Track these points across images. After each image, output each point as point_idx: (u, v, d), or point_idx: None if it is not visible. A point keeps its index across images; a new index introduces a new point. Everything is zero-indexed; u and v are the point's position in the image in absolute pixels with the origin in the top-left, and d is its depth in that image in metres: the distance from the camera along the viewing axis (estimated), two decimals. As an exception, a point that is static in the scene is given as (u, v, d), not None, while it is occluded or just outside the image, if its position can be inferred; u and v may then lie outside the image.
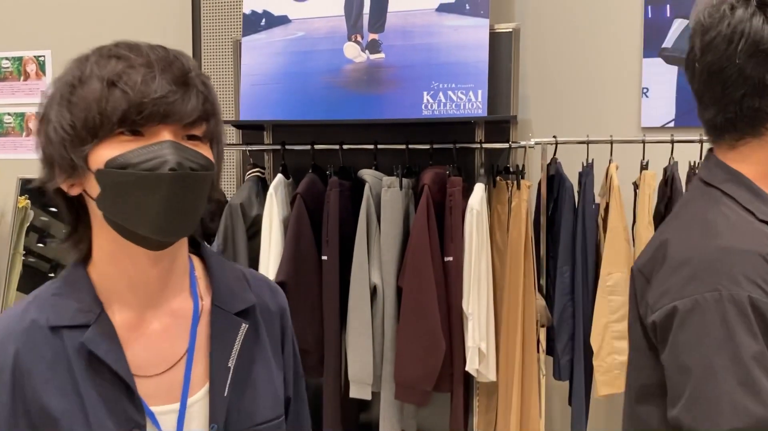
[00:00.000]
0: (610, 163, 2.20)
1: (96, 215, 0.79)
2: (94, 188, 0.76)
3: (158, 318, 0.83)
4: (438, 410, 2.42)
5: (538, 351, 2.24)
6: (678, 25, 2.41)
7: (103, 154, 0.74)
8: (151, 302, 0.82)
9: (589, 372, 2.16)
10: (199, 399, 0.82)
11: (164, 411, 0.80)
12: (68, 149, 0.75)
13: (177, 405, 0.81)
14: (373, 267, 2.19)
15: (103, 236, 0.79)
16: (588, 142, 2.24)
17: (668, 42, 2.41)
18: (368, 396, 2.21)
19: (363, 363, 2.16)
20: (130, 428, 0.77)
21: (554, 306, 2.17)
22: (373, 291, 2.20)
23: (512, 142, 2.27)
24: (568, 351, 2.14)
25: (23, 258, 3.12)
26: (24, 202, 3.16)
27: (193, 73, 0.78)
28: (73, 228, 0.83)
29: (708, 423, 0.78)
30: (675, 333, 0.82)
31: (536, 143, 2.22)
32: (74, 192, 0.79)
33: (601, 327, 2.09)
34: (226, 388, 0.82)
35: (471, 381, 2.29)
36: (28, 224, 3.15)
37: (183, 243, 0.85)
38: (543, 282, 2.22)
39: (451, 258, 2.13)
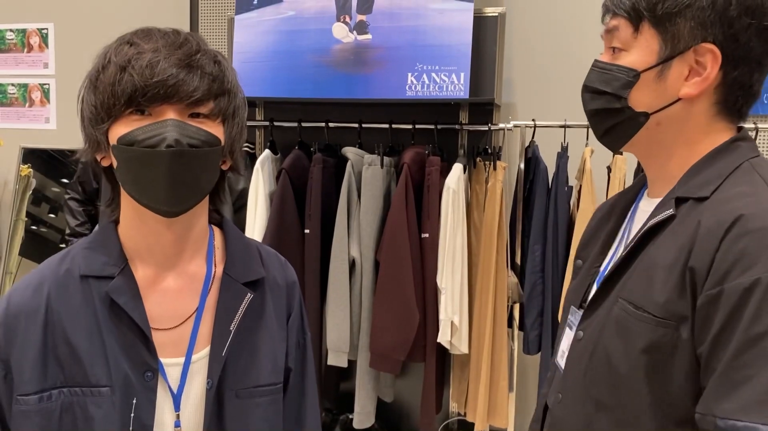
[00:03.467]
0: (585, 146, 2.27)
1: (120, 184, 0.89)
2: (114, 161, 0.86)
3: (174, 278, 0.92)
4: (415, 380, 2.53)
5: (510, 327, 2.33)
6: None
7: (117, 131, 0.83)
8: (167, 263, 0.91)
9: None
10: (202, 357, 0.91)
11: (171, 363, 0.89)
12: (93, 127, 0.85)
13: (183, 359, 0.89)
14: (352, 241, 2.28)
15: (126, 202, 0.90)
16: (565, 126, 2.30)
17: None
18: (344, 364, 2.31)
19: (340, 332, 2.26)
20: (143, 370, 0.87)
21: (525, 283, 2.25)
22: (352, 264, 2.29)
23: (491, 125, 2.34)
24: (537, 327, 2.23)
25: (34, 227, 3.23)
26: (27, 170, 3.27)
27: (199, 54, 0.85)
28: (112, 194, 0.93)
29: None
30: (759, 306, 0.75)
31: (515, 126, 2.29)
32: (105, 163, 0.89)
33: (569, 304, 2.17)
34: (225, 349, 0.91)
35: (447, 353, 2.39)
36: (31, 192, 3.26)
37: (198, 214, 0.92)
38: (518, 260, 2.31)
39: (427, 235, 2.22)
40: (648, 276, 0.86)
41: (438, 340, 2.22)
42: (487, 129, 2.35)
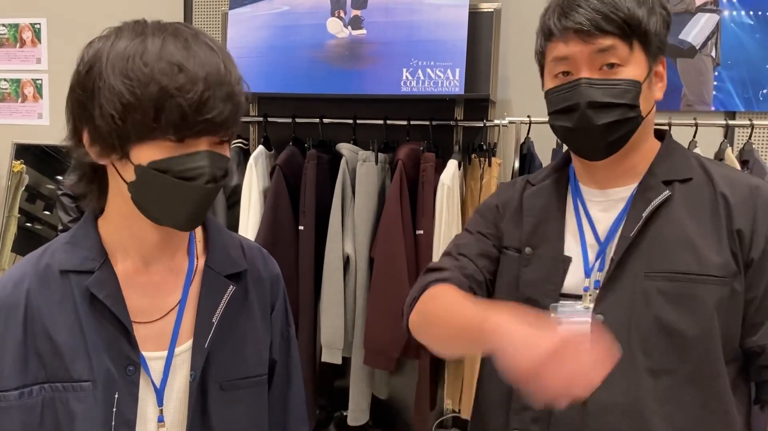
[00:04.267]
0: (581, 143, 2.26)
1: (118, 185, 0.85)
2: (128, 174, 0.82)
3: (157, 271, 0.91)
4: (410, 377, 2.52)
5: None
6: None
7: (147, 153, 0.80)
8: (152, 257, 0.91)
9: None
10: (185, 350, 0.90)
11: (153, 357, 0.88)
12: (114, 137, 0.80)
13: (165, 353, 0.89)
14: (347, 237, 2.27)
15: (121, 202, 0.87)
16: (561, 123, 2.29)
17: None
18: (338, 361, 2.30)
19: (334, 329, 2.25)
20: (125, 365, 0.86)
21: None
22: (347, 261, 2.28)
23: (486, 121, 2.33)
24: (532, 324, 2.22)
25: (29, 224, 3.21)
26: (19, 166, 3.25)
27: (237, 85, 0.83)
28: (91, 190, 0.89)
29: None
30: None
31: (510, 122, 2.28)
32: (102, 162, 0.85)
33: (563, 301, 2.17)
34: (207, 341, 0.90)
35: (440, 351, 2.38)
36: (25, 189, 3.24)
37: None
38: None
39: (422, 232, 2.21)
40: (686, 248, 1.00)
41: (432, 337, 2.21)
42: (482, 125, 2.34)
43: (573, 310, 1.06)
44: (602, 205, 1.11)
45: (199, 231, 0.98)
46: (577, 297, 1.06)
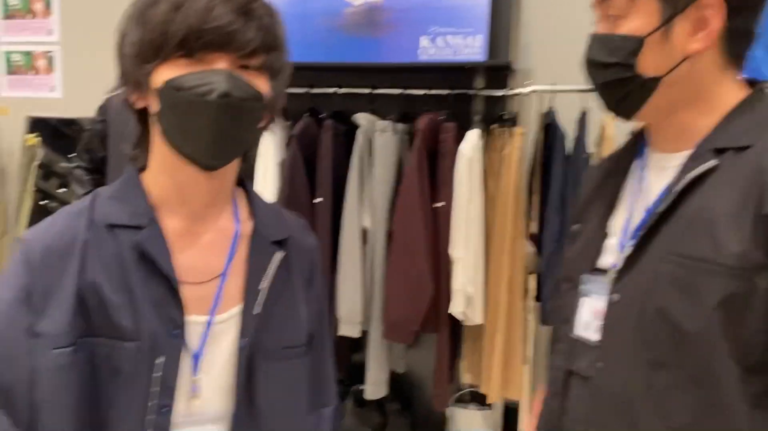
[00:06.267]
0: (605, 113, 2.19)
1: (156, 128, 0.84)
2: (154, 104, 0.81)
3: (204, 232, 0.87)
4: (428, 351, 2.49)
5: (526, 298, 2.28)
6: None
7: (163, 73, 0.78)
8: (198, 215, 0.87)
9: (575, 319, 2.19)
10: (231, 317, 0.86)
11: (194, 322, 0.84)
12: (135, 65, 0.80)
13: (206, 318, 0.85)
14: (364, 210, 2.23)
15: (161, 150, 0.84)
16: (585, 91, 2.21)
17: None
18: (357, 334, 2.27)
19: (352, 303, 2.22)
20: (171, 328, 0.82)
21: (543, 252, 2.19)
22: (364, 233, 2.24)
23: (508, 90, 2.26)
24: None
25: (44, 201, 3.20)
26: (33, 140, 3.22)
27: (257, 3, 0.81)
28: (140, 139, 0.88)
29: None
30: None
31: (532, 91, 2.21)
32: (139, 105, 0.84)
33: (587, 275, 2.12)
34: (258, 307, 0.86)
35: (460, 324, 2.34)
36: (39, 164, 3.22)
37: (232, 168, 0.88)
38: (535, 229, 2.24)
39: (441, 204, 2.16)
40: (705, 228, 0.84)
41: (450, 311, 2.17)
42: (503, 94, 2.27)
43: (597, 286, 1.00)
44: (658, 172, 0.97)
45: (241, 197, 0.94)
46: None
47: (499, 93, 2.29)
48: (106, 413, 0.81)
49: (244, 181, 0.96)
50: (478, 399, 2.60)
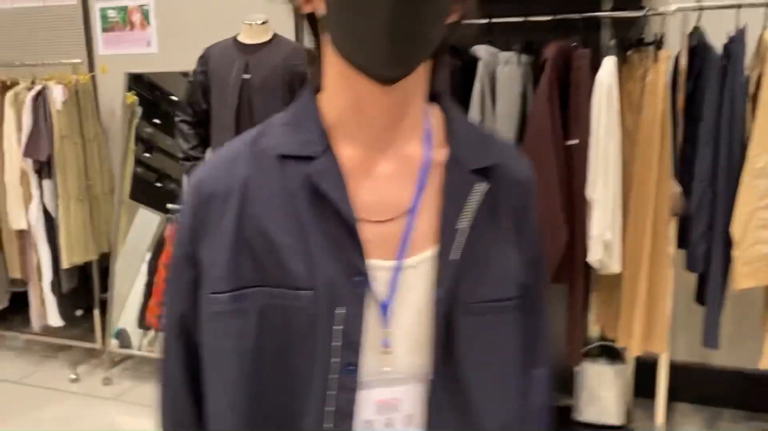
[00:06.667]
0: (764, 29, 1.91)
1: (326, 41, 0.71)
2: (321, 7, 0.69)
3: (386, 161, 0.73)
4: (556, 305, 2.32)
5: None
6: None
7: None
8: (378, 141, 0.73)
9: (726, 264, 1.97)
10: (422, 261, 0.72)
11: (379, 267, 0.71)
12: None
13: (393, 263, 0.71)
14: (488, 151, 2.05)
15: (333, 63, 0.72)
16: (738, 6, 1.94)
17: None
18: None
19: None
20: (351, 275, 0.69)
21: (691, 193, 1.96)
22: (488, 176, 2.07)
23: (649, 9, 2.00)
24: (705, 241, 1.95)
25: (147, 154, 3.20)
26: (132, 98, 3.20)
27: None
28: (312, 53, 0.76)
29: None
30: None
31: (677, 9, 1.95)
32: (306, 9, 0.72)
33: (745, 214, 1.88)
34: (456, 251, 0.72)
35: (590, 274, 2.15)
36: (137, 121, 3.21)
37: (418, 80, 0.72)
38: (677, 168, 2.01)
39: (575, 141, 1.95)
40: None
41: (588, 259, 1.98)
42: (642, 15, 2.02)
43: None
44: None
45: (437, 118, 0.77)
46: None
47: (637, 14, 2.03)
48: (281, 373, 0.70)
49: (441, 96, 0.78)
50: (607, 352, 2.43)
